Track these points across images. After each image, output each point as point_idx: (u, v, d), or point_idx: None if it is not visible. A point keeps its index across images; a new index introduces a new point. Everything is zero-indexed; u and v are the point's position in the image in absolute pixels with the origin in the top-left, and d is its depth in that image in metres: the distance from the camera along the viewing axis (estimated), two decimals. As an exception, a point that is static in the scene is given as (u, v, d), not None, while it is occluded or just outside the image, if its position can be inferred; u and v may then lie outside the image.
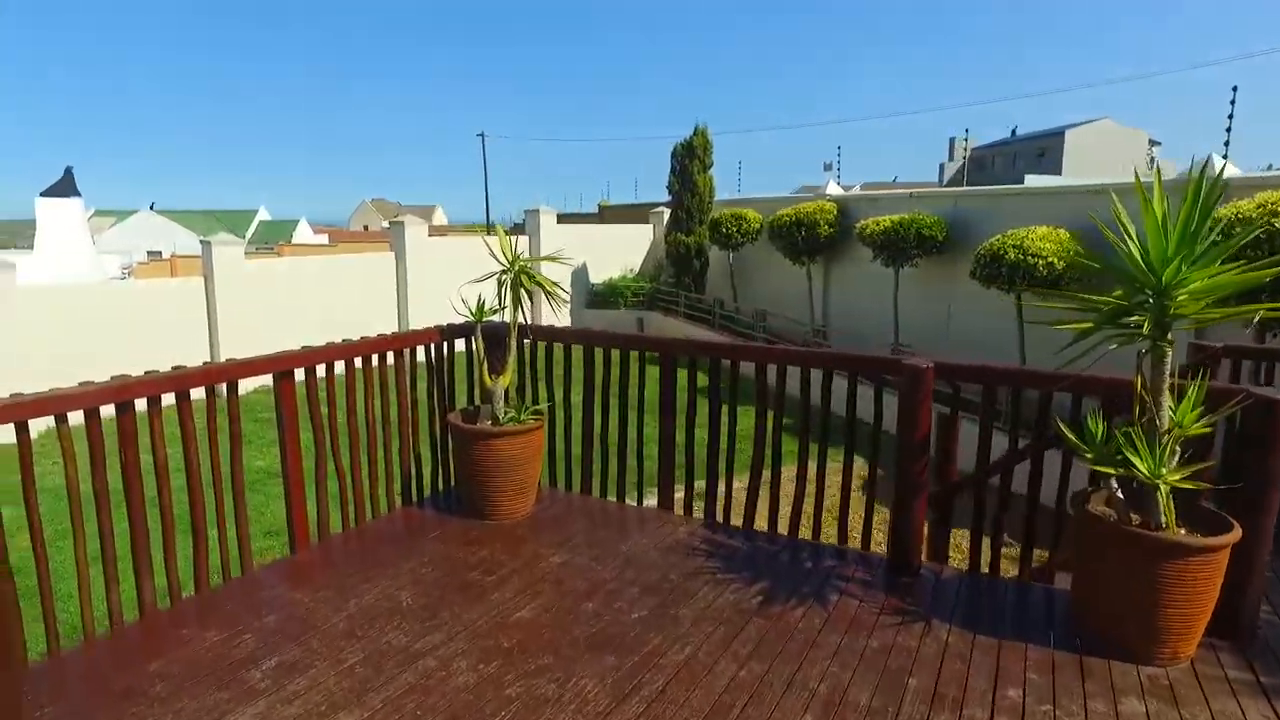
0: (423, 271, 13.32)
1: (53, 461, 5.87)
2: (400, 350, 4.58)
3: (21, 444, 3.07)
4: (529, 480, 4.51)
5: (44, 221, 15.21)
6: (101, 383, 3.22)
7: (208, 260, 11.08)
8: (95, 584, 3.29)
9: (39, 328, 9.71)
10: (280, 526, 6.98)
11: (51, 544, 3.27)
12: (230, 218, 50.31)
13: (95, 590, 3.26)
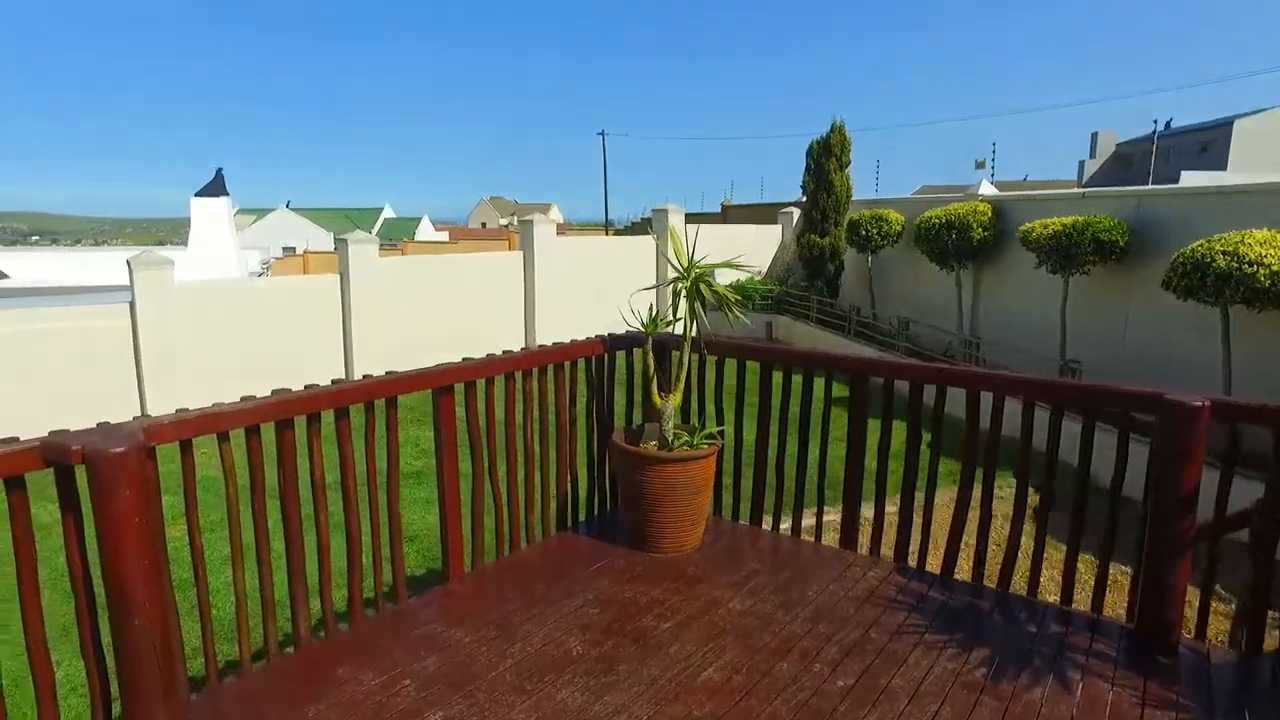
0: (551, 271, 13.13)
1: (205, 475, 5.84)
2: (561, 363, 4.20)
3: (186, 465, 2.83)
4: (699, 511, 4.06)
5: (196, 220, 16.00)
6: (261, 399, 2.96)
7: (343, 258, 11.20)
8: (252, 612, 3.04)
9: (192, 321, 9.99)
10: (418, 537, 6.86)
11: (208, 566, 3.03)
12: (358, 215, 52.49)
13: (251, 618, 3.03)
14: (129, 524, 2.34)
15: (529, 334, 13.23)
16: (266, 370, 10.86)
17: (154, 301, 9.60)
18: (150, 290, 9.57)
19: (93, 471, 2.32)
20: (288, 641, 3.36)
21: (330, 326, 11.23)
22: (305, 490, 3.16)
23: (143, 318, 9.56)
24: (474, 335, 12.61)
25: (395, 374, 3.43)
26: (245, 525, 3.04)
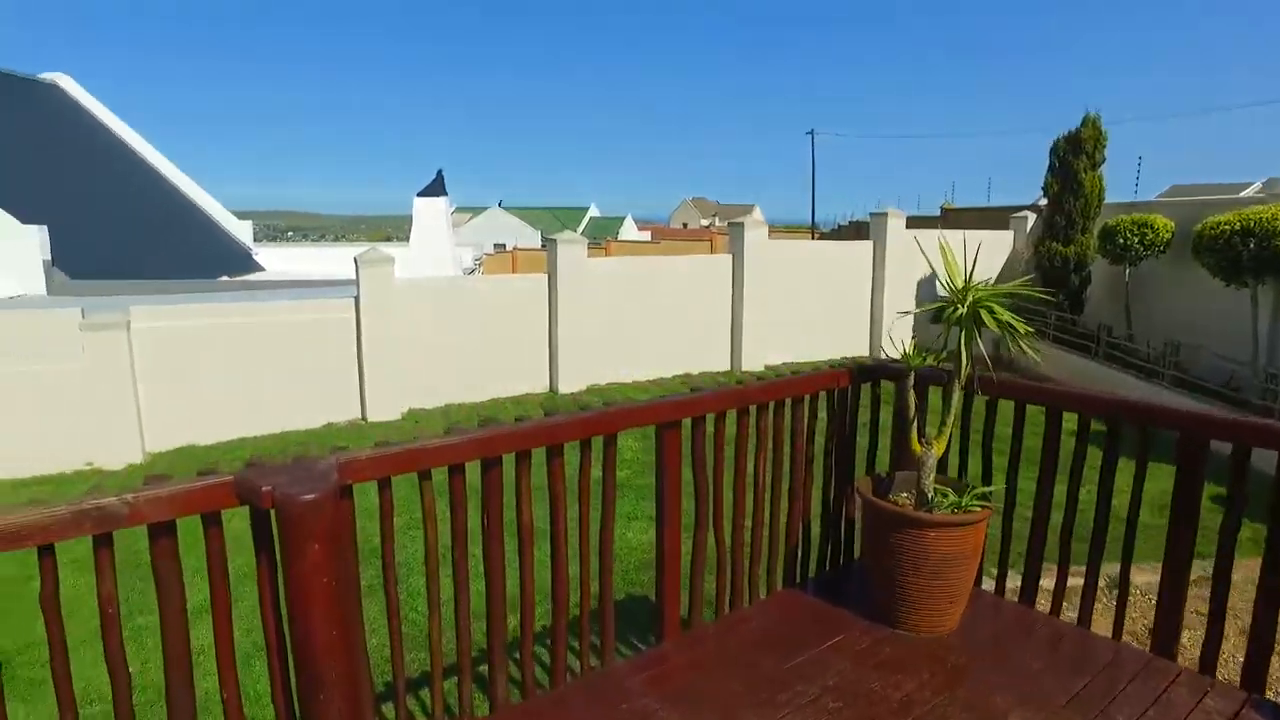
0: (761, 277, 12.48)
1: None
2: (801, 397, 3.57)
3: (384, 506, 2.50)
4: (963, 585, 3.28)
5: (418, 218, 16.90)
6: (468, 432, 2.56)
7: (552, 257, 11.17)
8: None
9: (408, 316, 10.31)
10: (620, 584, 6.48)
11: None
12: (565, 214, 54.39)
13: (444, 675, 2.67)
14: (317, 584, 2.00)
15: (736, 344, 12.66)
16: (474, 370, 11.14)
17: (376, 297, 9.99)
18: (373, 286, 9.96)
19: (281, 519, 2.00)
20: (483, 702, 3.00)
21: (537, 326, 11.25)
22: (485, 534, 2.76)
23: (365, 312, 9.97)
24: (677, 341, 12.24)
25: (614, 406, 2.95)
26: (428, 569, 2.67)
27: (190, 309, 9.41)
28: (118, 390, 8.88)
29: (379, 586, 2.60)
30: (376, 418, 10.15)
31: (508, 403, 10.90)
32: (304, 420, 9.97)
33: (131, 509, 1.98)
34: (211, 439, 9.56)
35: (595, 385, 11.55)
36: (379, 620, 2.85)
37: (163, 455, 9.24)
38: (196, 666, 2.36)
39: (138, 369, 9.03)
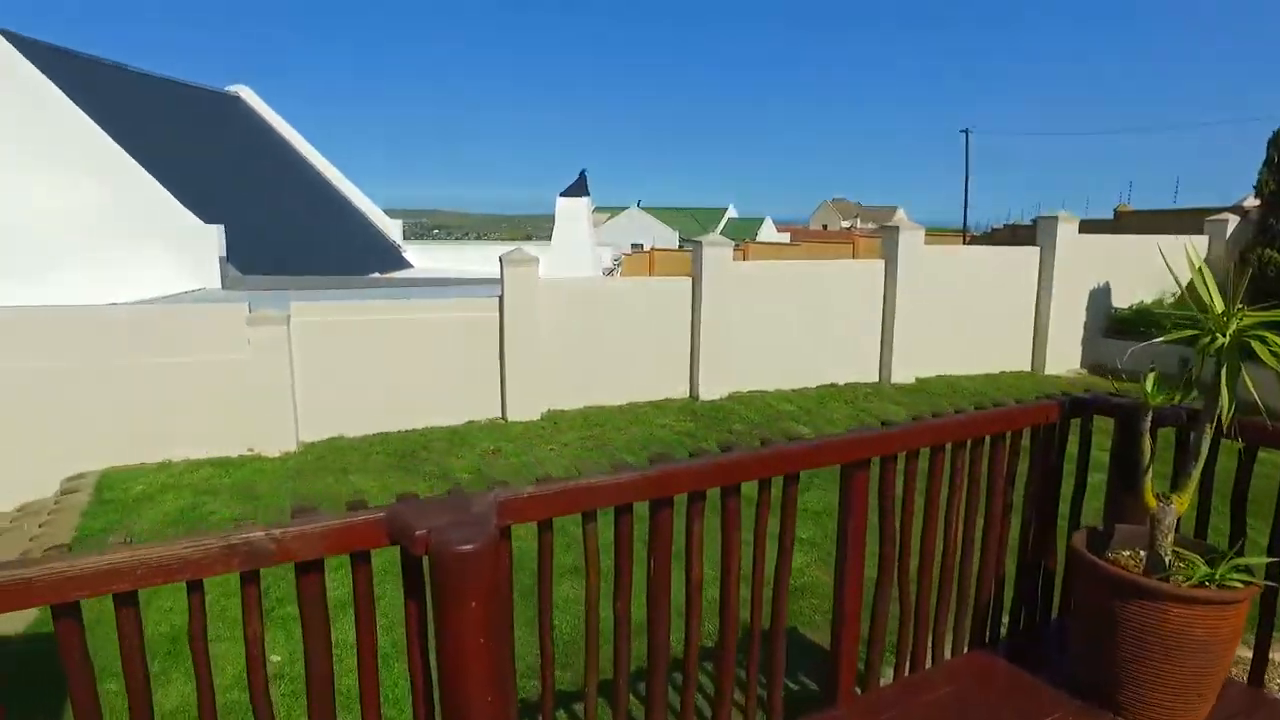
0: (915, 283, 11.71)
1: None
2: (1002, 433, 3.09)
3: (543, 546, 2.24)
4: (1214, 677, 2.71)
5: (560, 218, 17.06)
6: (638, 469, 2.26)
7: (696, 260, 10.86)
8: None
9: (549, 317, 10.27)
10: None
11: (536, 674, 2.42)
12: (703, 215, 54.21)
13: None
14: (473, 644, 1.75)
15: (885, 354, 11.94)
16: (614, 372, 10.99)
17: (519, 296, 10.01)
18: (517, 286, 9.98)
19: (435, 567, 1.76)
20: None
21: (679, 329, 10.99)
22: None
23: (508, 311, 10.01)
24: (822, 349, 11.67)
25: (798, 442, 2.58)
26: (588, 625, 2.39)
27: (344, 305, 9.73)
28: (277, 381, 9.27)
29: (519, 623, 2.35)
30: (516, 418, 10.17)
31: (647, 407, 10.68)
32: (446, 417, 10.12)
33: (279, 545, 1.80)
34: (359, 432, 9.84)
35: (737, 393, 11.17)
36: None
37: (314, 445, 9.58)
38: (343, 710, 2.19)
39: (295, 362, 9.40)
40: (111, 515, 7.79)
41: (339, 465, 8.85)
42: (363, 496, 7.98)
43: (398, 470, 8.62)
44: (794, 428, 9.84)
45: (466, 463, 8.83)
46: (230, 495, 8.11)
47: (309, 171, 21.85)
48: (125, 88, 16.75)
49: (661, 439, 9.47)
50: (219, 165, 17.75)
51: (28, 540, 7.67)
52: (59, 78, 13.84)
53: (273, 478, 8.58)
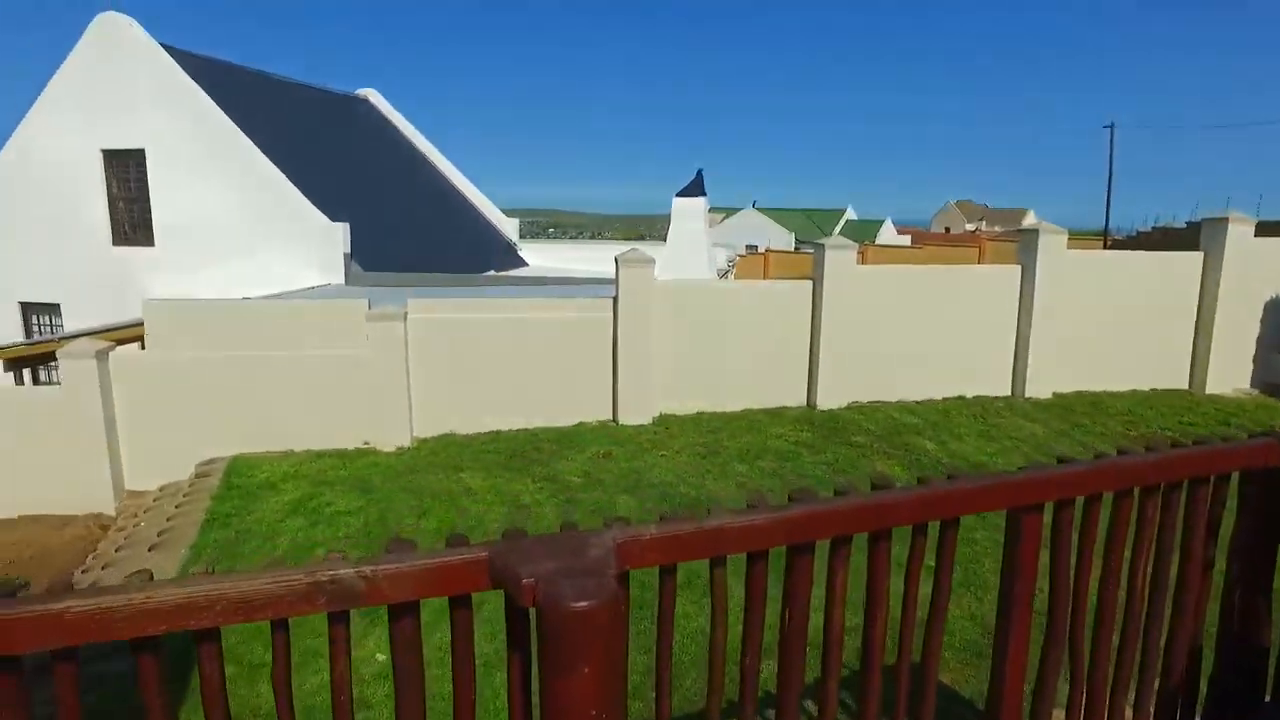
0: (1056, 291, 10.81)
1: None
2: (1205, 478, 2.60)
3: (665, 594, 1.96)
4: None
5: (676, 218, 16.82)
6: (776, 510, 1.94)
7: (819, 263, 10.39)
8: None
9: (664, 319, 10.04)
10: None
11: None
12: (820, 216, 52.91)
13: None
14: (584, 717, 1.49)
15: (1019, 367, 11.08)
16: (728, 378, 10.60)
17: (634, 297, 9.82)
18: (632, 286, 9.80)
19: (544, 621, 1.51)
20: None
21: (797, 335, 10.54)
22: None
23: (623, 312, 9.83)
24: (951, 359, 10.96)
25: (959, 480, 2.20)
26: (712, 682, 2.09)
27: (459, 302, 9.81)
28: (393, 377, 9.42)
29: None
30: (627, 421, 9.99)
31: (761, 415, 10.29)
32: (557, 417, 10.05)
33: (370, 584, 1.59)
34: (471, 429, 9.89)
35: (857, 403, 10.61)
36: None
37: (427, 442, 9.68)
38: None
39: (411, 358, 9.52)
40: (237, 500, 8.08)
41: (451, 462, 8.89)
42: (472, 494, 8.00)
43: (507, 470, 8.58)
44: (918, 442, 9.24)
45: (576, 465, 8.70)
46: (346, 487, 8.26)
47: (430, 171, 22.49)
48: (265, 94, 17.64)
49: (776, 449, 9.07)
50: (346, 165, 18.47)
51: (165, 520, 8.04)
52: (211, 88, 14.68)
53: (387, 472, 8.71)
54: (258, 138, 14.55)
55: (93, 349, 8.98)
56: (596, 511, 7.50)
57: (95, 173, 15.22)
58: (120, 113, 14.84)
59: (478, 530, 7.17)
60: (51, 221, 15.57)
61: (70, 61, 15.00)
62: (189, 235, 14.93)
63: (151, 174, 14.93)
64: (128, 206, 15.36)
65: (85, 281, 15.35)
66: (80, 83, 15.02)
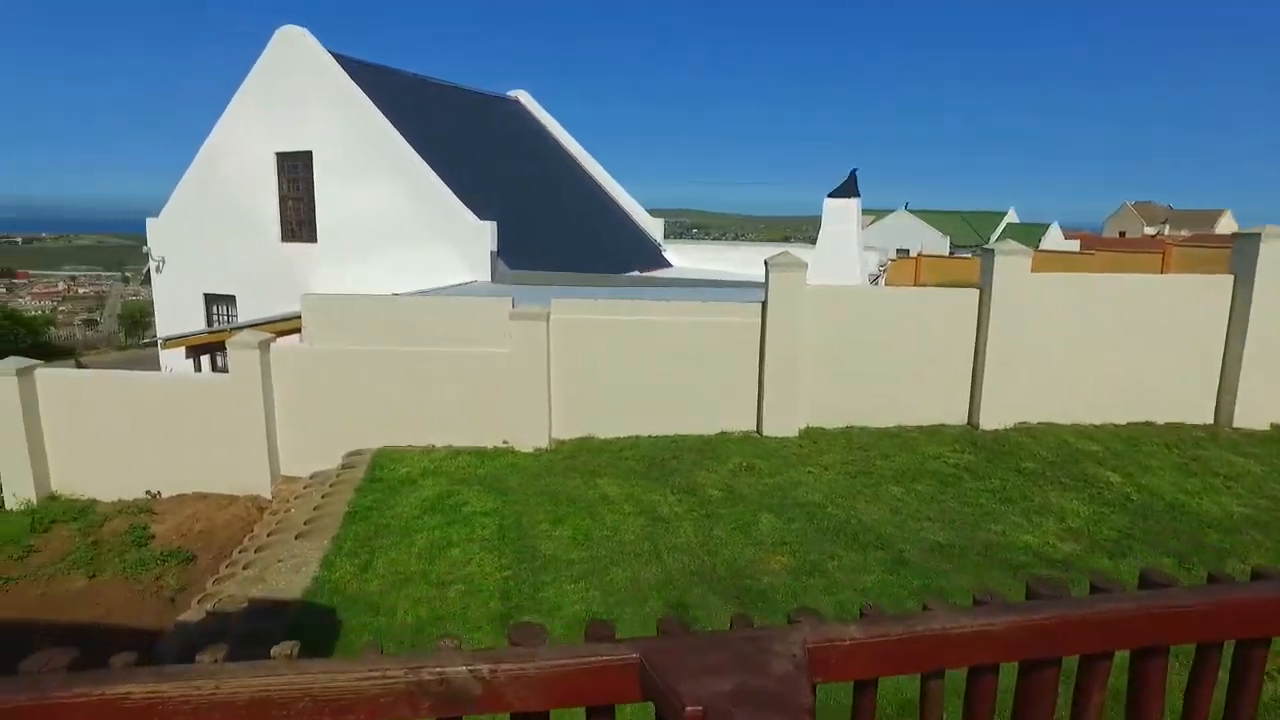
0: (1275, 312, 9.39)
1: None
2: None
3: (862, 712, 1.50)
4: None
5: (827, 220, 16.04)
6: (1012, 609, 1.45)
7: (987, 270, 9.47)
8: None
9: (818, 325, 9.45)
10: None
11: None
12: (977, 219, 49.87)
13: None
14: None
15: (1225, 388, 9.67)
16: (880, 390, 9.78)
17: (784, 303, 9.29)
18: (782, 291, 9.27)
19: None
20: None
21: (959, 347, 9.67)
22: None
23: (771, 319, 9.32)
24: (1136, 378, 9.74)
25: (1272, 577, 1.61)
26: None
27: (602, 304, 9.58)
28: (534, 377, 9.32)
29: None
30: (772, 432, 9.46)
31: (916, 433, 9.50)
32: (698, 425, 9.66)
33: (487, 687, 1.22)
34: (610, 433, 9.66)
35: (1025, 423, 9.61)
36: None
37: (565, 444, 9.53)
38: None
39: (552, 358, 9.40)
40: (378, 494, 8.17)
41: (588, 467, 8.68)
42: (609, 503, 7.74)
43: (645, 479, 8.27)
44: (1099, 473, 8.20)
45: (718, 477, 8.27)
46: (482, 487, 8.20)
47: (578, 170, 22.66)
48: (421, 97, 18.25)
49: (935, 471, 8.30)
50: (495, 165, 18.83)
51: (312, 509, 8.25)
52: (372, 92, 15.29)
53: (523, 473, 8.59)
54: (413, 139, 15.00)
55: (255, 340, 9.38)
56: (738, 529, 7.05)
57: (269, 174, 16.21)
58: (293, 117, 15.72)
59: (612, 541, 6.89)
60: (232, 220, 16.73)
61: (254, 71, 16.04)
62: (347, 233, 15.61)
63: (317, 174, 15.72)
64: (295, 205, 16.25)
65: (257, 275, 16.38)
66: (261, 90, 16.03)
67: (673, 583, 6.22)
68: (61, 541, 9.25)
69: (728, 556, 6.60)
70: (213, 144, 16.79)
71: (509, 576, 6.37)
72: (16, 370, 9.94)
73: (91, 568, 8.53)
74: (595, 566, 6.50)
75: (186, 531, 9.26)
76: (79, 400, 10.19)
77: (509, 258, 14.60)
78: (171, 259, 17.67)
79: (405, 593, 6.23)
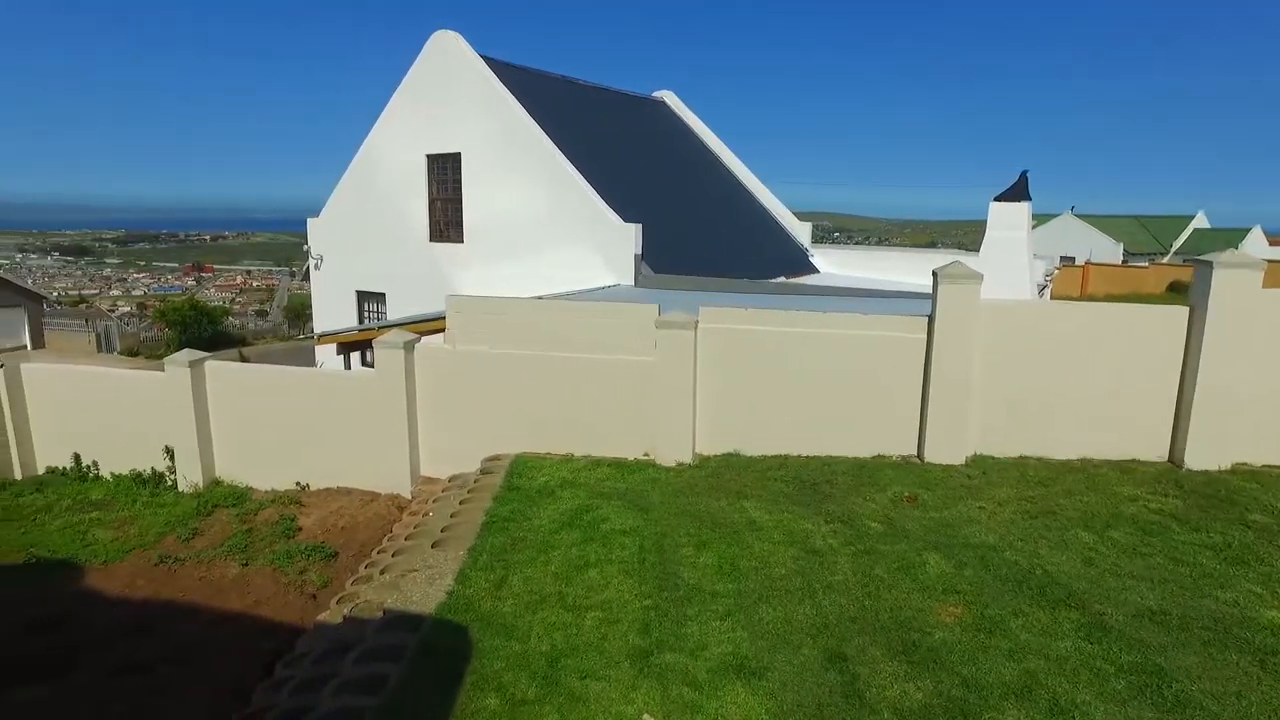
0: None
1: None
2: None
3: None
4: None
5: (993, 225, 14.74)
6: None
7: (1202, 284, 8.20)
8: None
9: (990, 342, 8.50)
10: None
11: None
12: (1157, 224, 45.53)
13: None
14: None
15: None
16: (1059, 417, 8.49)
17: (956, 318, 8.39)
18: (953, 305, 8.38)
19: None
20: None
21: (1162, 372, 8.45)
22: None
23: (940, 335, 8.45)
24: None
25: None
26: None
27: (752, 313, 8.99)
28: (679, 388, 8.86)
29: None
30: (935, 459, 8.59)
31: (1105, 468, 8.36)
32: (851, 446, 8.91)
33: None
34: (757, 451, 9.07)
35: (1245, 465, 8.27)
36: None
37: (709, 460, 9.02)
38: None
39: (699, 369, 8.91)
40: (516, 504, 7.92)
41: (734, 487, 8.13)
42: (756, 529, 7.14)
43: (796, 504, 7.62)
44: (1342, 529, 6.85)
45: (876, 507, 7.52)
46: (622, 502, 7.79)
47: (723, 173, 22.10)
48: (566, 98, 18.23)
49: (1132, 517, 7.19)
50: (640, 167, 18.56)
51: (449, 515, 8.11)
52: (519, 94, 15.34)
53: (665, 490, 8.14)
54: (558, 140, 14.91)
55: (401, 340, 9.39)
56: (902, 570, 6.31)
57: (420, 176, 16.58)
58: (443, 119, 16.01)
59: (761, 574, 6.31)
60: (384, 219, 17.26)
61: (410, 75, 16.46)
62: (492, 233, 15.73)
63: (465, 176, 15.93)
64: (443, 206, 16.55)
65: (406, 274, 16.81)
66: (415, 94, 16.44)
67: (829, 628, 5.58)
68: (221, 526, 9.61)
69: (891, 602, 5.89)
70: (369, 146, 17.38)
71: (649, 606, 5.92)
72: (189, 362, 10.44)
73: (245, 555, 8.78)
74: (743, 602, 5.95)
75: (330, 526, 9.40)
76: (240, 391, 10.60)
77: (653, 261, 14.24)
78: (329, 257, 18.46)
79: (540, 616, 5.89)
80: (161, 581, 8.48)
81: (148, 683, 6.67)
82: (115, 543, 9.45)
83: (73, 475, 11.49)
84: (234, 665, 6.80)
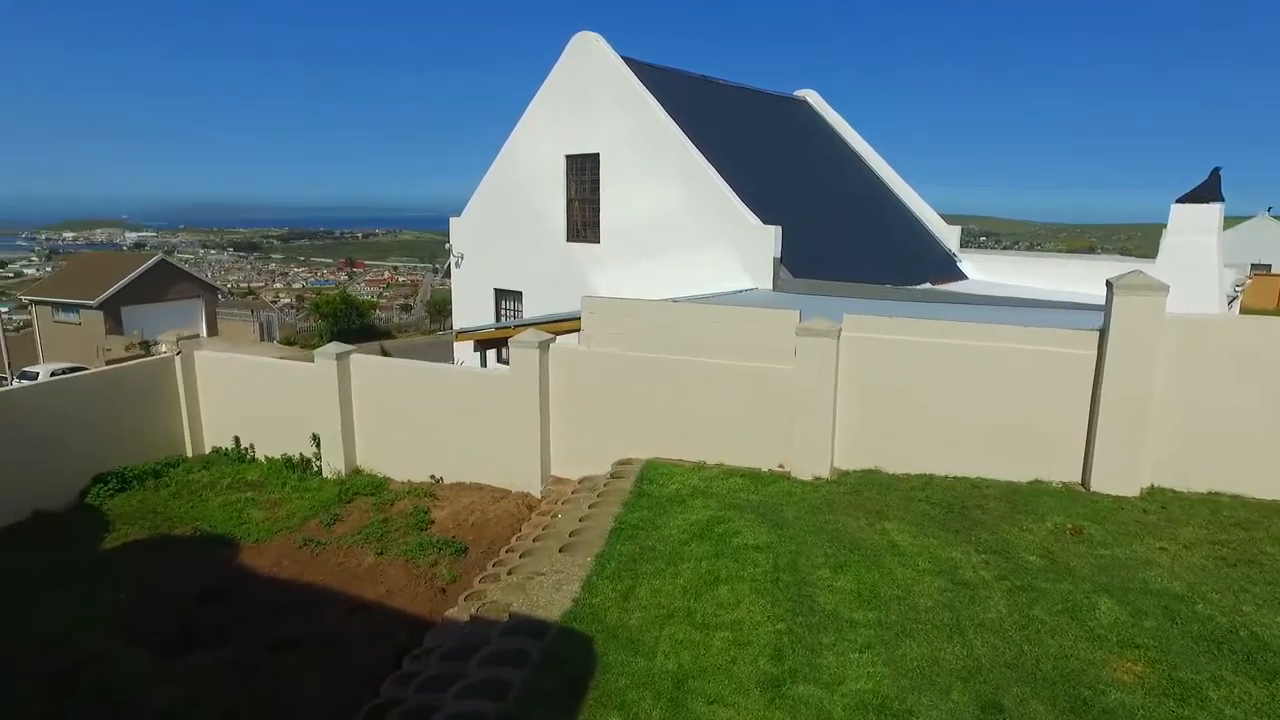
0: None
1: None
2: None
3: None
4: None
5: (1176, 229, 13.25)
6: None
7: None
8: None
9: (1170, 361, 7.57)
10: None
11: None
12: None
13: None
14: None
15: None
16: (1255, 447, 7.56)
17: (1135, 333, 7.54)
18: (1132, 319, 7.52)
19: None
20: None
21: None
22: None
23: (1115, 350, 7.61)
24: None
25: None
26: None
27: (900, 322, 8.42)
28: (819, 398, 8.42)
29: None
30: (1103, 488, 7.75)
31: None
32: (1004, 468, 8.19)
33: None
34: (899, 468, 8.50)
35: None
36: None
37: (848, 475, 8.53)
38: None
39: (840, 379, 8.43)
40: (645, 511, 7.73)
41: (874, 506, 7.62)
42: (899, 554, 6.63)
43: (943, 529, 7.04)
44: None
45: (1034, 539, 6.84)
46: (755, 516, 7.45)
47: (866, 174, 21.23)
48: (706, 98, 17.95)
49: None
50: (779, 167, 18.06)
51: (578, 519, 8.01)
52: (658, 94, 15.21)
53: (801, 505, 7.73)
54: (697, 140, 14.67)
55: (536, 340, 9.40)
56: (1067, 614, 5.65)
57: (558, 176, 16.75)
58: (583, 119, 16.10)
59: (904, 604, 5.82)
60: (523, 219, 17.57)
61: (551, 76, 16.67)
62: (629, 234, 15.66)
63: (603, 176, 15.96)
64: (581, 206, 16.66)
65: (543, 273, 17.03)
66: (555, 94, 16.63)
67: (982, 673, 5.04)
68: (360, 514, 9.95)
69: (1055, 650, 5.27)
70: (510, 147, 17.73)
71: (783, 630, 5.56)
72: (335, 354, 10.88)
73: (380, 545, 9.02)
74: (884, 634, 5.49)
75: (461, 522, 9.54)
76: (381, 384, 10.97)
77: (792, 264, 13.75)
78: (469, 255, 18.99)
79: (667, 631, 5.65)
80: (304, 564, 8.83)
81: (290, 662, 6.91)
82: (266, 523, 9.96)
83: (233, 456, 12.25)
84: (367, 653, 6.94)
